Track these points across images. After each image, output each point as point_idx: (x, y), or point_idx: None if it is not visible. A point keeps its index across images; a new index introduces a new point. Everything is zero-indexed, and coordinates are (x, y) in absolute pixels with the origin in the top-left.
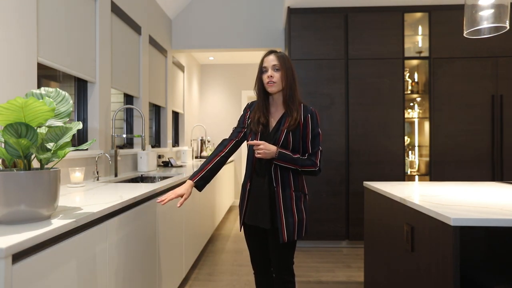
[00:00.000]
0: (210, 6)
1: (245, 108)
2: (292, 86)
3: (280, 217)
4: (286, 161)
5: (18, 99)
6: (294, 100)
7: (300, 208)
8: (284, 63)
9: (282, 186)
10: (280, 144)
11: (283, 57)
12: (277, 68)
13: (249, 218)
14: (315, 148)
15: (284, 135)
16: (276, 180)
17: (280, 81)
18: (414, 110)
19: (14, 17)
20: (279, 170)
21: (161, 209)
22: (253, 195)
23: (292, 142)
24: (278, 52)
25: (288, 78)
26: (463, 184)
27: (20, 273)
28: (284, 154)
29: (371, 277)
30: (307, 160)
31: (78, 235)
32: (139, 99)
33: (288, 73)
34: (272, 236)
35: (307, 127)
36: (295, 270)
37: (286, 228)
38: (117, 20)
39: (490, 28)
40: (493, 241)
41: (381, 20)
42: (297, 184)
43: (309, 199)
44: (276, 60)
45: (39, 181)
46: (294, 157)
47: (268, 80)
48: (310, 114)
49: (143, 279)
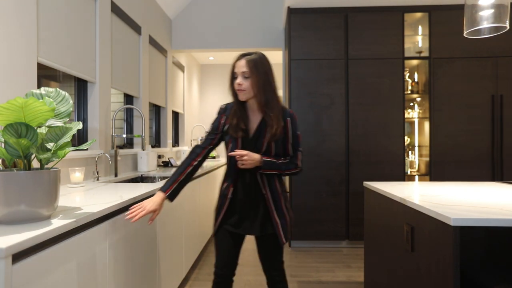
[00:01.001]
0: (210, 6)
1: (219, 112)
2: (267, 91)
3: (275, 221)
4: (272, 169)
5: (18, 99)
6: (272, 106)
7: (288, 207)
8: (256, 69)
9: (271, 191)
10: (263, 151)
11: (255, 62)
12: (246, 76)
13: (234, 226)
14: (296, 150)
15: (266, 144)
16: (264, 186)
17: (250, 89)
18: (414, 110)
19: (14, 17)
20: (266, 177)
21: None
22: (238, 204)
23: (275, 148)
24: (251, 56)
25: (261, 84)
26: (463, 184)
27: (20, 273)
28: (269, 162)
29: (371, 277)
30: (290, 164)
31: (78, 235)
32: (139, 99)
33: (260, 79)
34: (265, 242)
35: (287, 131)
36: (295, 271)
37: (283, 230)
38: (117, 20)
39: (490, 28)
40: (493, 241)
41: (381, 20)
42: (281, 185)
43: (308, 199)
44: (246, 67)
45: (39, 181)
46: (279, 162)
47: (237, 88)
48: (289, 117)
49: (143, 279)
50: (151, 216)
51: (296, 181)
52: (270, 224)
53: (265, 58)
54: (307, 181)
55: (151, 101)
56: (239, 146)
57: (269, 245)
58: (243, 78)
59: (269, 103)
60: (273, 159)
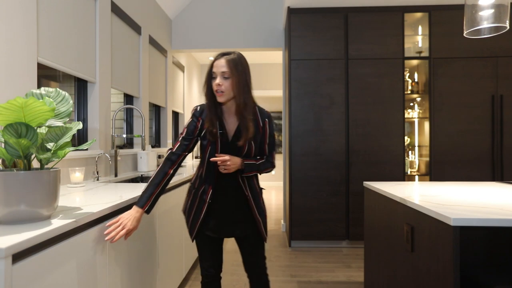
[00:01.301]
0: (210, 6)
1: (194, 115)
2: (246, 92)
3: (257, 221)
4: (253, 171)
5: (18, 99)
6: (248, 108)
7: (263, 203)
8: (236, 69)
9: (251, 191)
10: (244, 154)
11: (235, 61)
12: (226, 77)
13: (215, 231)
14: (271, 150)
15: (247, 146)
16: (245, 188)
17: (231, 90)
18: (414, 110)
19: (14, 17)
20: (246, 178)
21: (161, 209)
22: (218, 208)
23: (255, 150)
24: (230, 55)
25: (240, 86)
26: (463, 184)
27: (20, 273)
28: (250, 164)
29: (371, 277)
30: (267, 163)
31: (78, 235)
32: (139, 99)
33: (240, 79)
34: (248, 241)
35: (265, 132)
36: (295, 271)
37: (264, 227)
38: (117, 20)
39: (490, 28)
40: (493, 241)
41: (381, 20)
42: (258, 184)
43: (308, 199)
44: (226, 67)
45: (39, 181)
46: (258, 163)
47: (217, 89)
48: (267, 118)
49: (143, 279)
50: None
51: (296, 181)
52: (251, 223)
53: (243, 58)
54: (307, 181)
55: (151, 101)
56: (218, 150)
57: (252, 243)
58: (222, 78)
59: (247, 105)
60: (253, 160)
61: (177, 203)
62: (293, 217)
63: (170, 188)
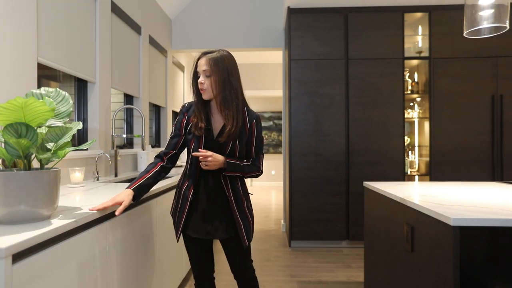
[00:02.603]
0: (210, 6)
1: (181, 112)
2: (227, 91)
3: (238, 224)
4: (235, 171)
5: (18, 99)
6: (229, 106)
7: (250, 208)
8: (217, 67)
9: (233, 193)
10: (227, 153)
11: (215, 60)
12: (207, 75)
13: (195, 231)
14: (258, 152)
15: (231, 145)
16: (227, 188)
17: (211, 88)
18: (414, 110)
19: (14, 17)
20: (228, 179)
21: (161, 209)
22: (201, 207)
23: (240, 150)
24: (212, 54)
25: (221, 83)
26: (463, 184)
27: (20, 273)
28: (233, 164)
29: (371, 277)
30: (252, 166)
31: (78, 235)
32: (139, 99)
33: (220, 77)
34: (230, 244)
35: (252, 134)
36: (295, 271)
37: (245, 233)
38: (117, 20)
39: (490, 28)
40: (493, 241)
41: (381, 20)
42: (243, 188)
43: (308, 199)
44: (207, 65)
45: (39, 181)
46: (242, 165)
47: (200, 87)
48: (255, 120)
49: (143, 279)
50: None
51: (296, 181)
52: (232, 226)
53: (228, 56)
54: (307, 181)
55: (151, 101)
56: (201, 145)
57: (234, 247)
58: (204, 76)
59: (227, 102)
60: (237, 161)
61: None
62: (293, 217)
63: (169, 189)
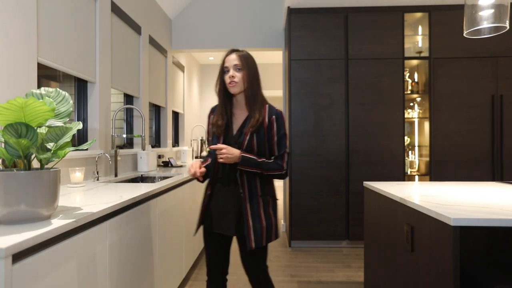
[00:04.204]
0: (210, 6)
1: (208, 115)
2: (255, 86)
3: (247, 224)
4: (250, 166)
5: (18, 99)
6: (256, 101)
7: (268, 212)
8: (246, 62)
9: (249, 192)
10: (245, 147)
11: (245, 56)
12: (239, 68)
13: (212, 225)
14: (281, 150)
15: (248, 138)
16: (242, 185)
17: (242, 82)
18: (414, 110)
19: (14, 17)
20: (245, 175)
21: (161, 209)
22: (216, 201)
23: (257, 145)
24: (240, 51)
25: (250, 78)
26: (463, 184)
27: (20, 273)
28: (247, 158)
29: (371, 277)
30: (273, 164)
31: (78, 235)
32: (139, 99)
33: (250, 72)
34: (241, 243)
35: (272, 129)
36: (295, 271)
37: (254, 235)
38: (117, 20)
39: (490, 28)
40: (493, 241)
41: (381, 20)
42: (264, 189)
43: (308, 199)
44: (238, 60)
45: (39, 181)
46: (259, 161)
47: (230, 81)
48: (275, 115)
49: (143, 279)
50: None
51: (296, 181)
52: (242, 225)
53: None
54: (307, 181)
55: (151, 101)
56: (220, 142)
57: (244, 247)
58: (235, 70)
59: (255, 98)
60: (253, 156)
61: (176, 203)
62: (293, 217)
63: (169, 189)
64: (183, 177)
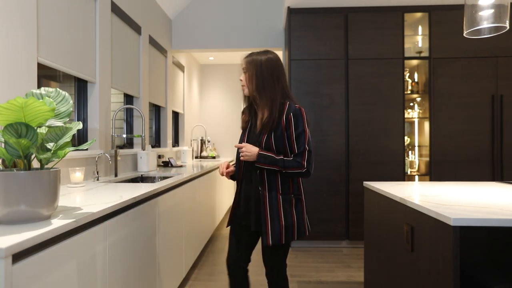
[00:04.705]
0: (210, 6)
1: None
2: (260, 86)
3: (265, 221)
4: (267, 163)
5: (18, 99)
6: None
7: (290, 211)
8: (250, 64)
9: (269, 189)
10: (264, 146)
11: (252, 57)
12: (244, 71)
13: (243, 219)
14: (300, 147)
15: (266, 137)
16: (262, 183)
17: (248, 83)
18: (414, 110)
19: (14, 17)
20: (265, 173)
21: (161, 209)
22: (243, 197)
23: (275, 143)
24: (251, 54)
25: (256, 79)
26: (463, 184)
27: (20, 273)
28: (264, 155)
29: (371, 277)
30: (292, 162)
31: (78, 235)
32: (139, 99)
33: (255, 73)
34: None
35: (290, 127)
36: (295, 271)
37: (271, 232)
38: (117, 20)
39: (490, 28)
40: (493, 241)
41: (381, 20)
42: (286, 187)
43: (308, 199)
44: (244, 63)
45: (39, 181)
46: (276, 158)
47: (241, 84)
48: (292, 112)
49: (143, 279)
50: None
51: None
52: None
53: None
54: (307, 181)
55: (151, 101)
56: (244, 139)
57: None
58: (243, 73)
59: (260, 94)
60: (271, 154)
61: (176, 203)
62: None
63: (169, 189)
64: (183, 177)
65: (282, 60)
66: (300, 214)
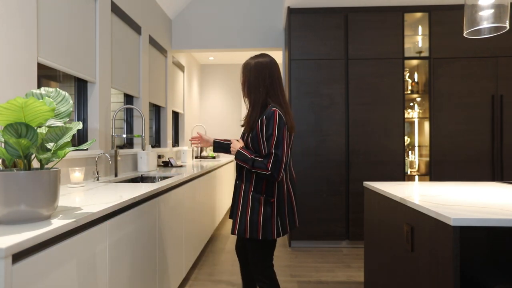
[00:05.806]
0: (210, 6)
1: None
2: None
3: (236, 211)
4: (241, 160)
5: (18, 99)
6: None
7: (258, 210)
8: (244, 68)
9: (245, 184)
10: (245, 145)
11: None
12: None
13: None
14: (267, 150)
15: (246, 137)
16: (240, 177)
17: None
18: (414, 110)
19: (14, 17)
20: (244, 170)
21: (161, 209)
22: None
23: (251, 143)
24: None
25: (246, 84)
26: (463, 184)
27: (20, 273)
28: (241, 153)
29: (371, 277)
30: (260, 163)
31: (78, 235)
32: (139, 99)
33: (246, 79)
34: (232, 227)
35: (262, 129)
36: (295, 271)
37: (239, 223)
38: (117, 20)
39: (490, 28)
40: (493, 241)
41: (381, 20)
42: (259, 186)
43: (308, 199)
44: (241, 69)
45: (39, 181)
46: (249, 157)
47: None
48: (266, 115)
49: (143, 279)
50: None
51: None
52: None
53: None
54: (307, 181)
55: (151, 101)
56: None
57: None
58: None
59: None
60: (247, 153)
61: (177, 203)
62: None
63: (169, 189)
64: (183, 177)
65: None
66: (269, 216)
